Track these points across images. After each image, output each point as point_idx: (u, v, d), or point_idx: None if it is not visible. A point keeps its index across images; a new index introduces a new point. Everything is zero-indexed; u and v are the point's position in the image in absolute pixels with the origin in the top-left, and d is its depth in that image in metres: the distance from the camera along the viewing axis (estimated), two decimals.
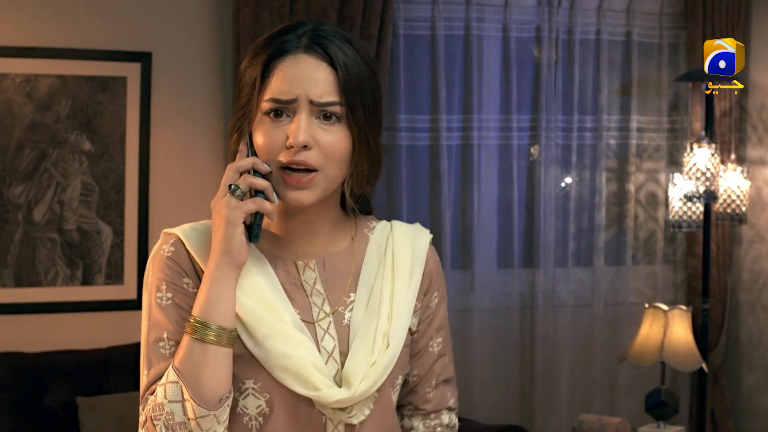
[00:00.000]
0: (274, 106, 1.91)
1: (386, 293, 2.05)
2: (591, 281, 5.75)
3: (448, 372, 2.22)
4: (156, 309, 2.01)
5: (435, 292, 2.16)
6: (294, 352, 1.93)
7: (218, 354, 1.90)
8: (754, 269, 5.73)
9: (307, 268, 2.05)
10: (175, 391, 1.90)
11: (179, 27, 5.11)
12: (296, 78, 1.91)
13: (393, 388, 2.09)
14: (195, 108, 5.12)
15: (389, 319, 2.02)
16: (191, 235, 2.03)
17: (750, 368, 5.77)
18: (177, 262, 2.01)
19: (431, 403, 2.18)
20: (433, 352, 2.17)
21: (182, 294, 2.00)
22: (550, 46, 5.58)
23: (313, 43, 1.93)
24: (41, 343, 4.84)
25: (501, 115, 5.55)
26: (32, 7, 4.92)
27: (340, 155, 1.94)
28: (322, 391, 1.93)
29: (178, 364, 1.91)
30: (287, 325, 1.96)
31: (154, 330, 2.00)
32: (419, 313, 2.13)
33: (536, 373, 5.65)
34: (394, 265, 2.09)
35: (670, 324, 5.09)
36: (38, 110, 4.90)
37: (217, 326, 1.90)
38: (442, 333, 2.18)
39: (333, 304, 2.04)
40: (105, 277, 5.02)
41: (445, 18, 5.41)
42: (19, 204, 4.91)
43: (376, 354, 1.99)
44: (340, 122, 1.93)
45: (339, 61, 1.92)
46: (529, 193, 5.68)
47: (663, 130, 5.83)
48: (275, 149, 1.92)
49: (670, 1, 5.78)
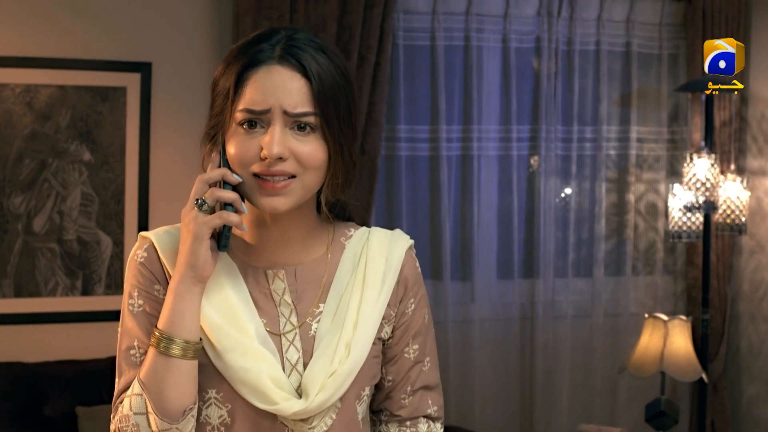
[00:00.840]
0: (248, 116, 1.91)
1: (354, 303, 2.04)
2: (591, 291, 5.75)
3: (427, 379, 2.19)
4: (128, 316, 2.03)
5: (411, 299, 2.14)
6: (252, 366, 1.94)
7: (182, 367, 1.92)
8: (755, 279, 5.73)
9: (276, 278, 2.04)
10: (139, 404, 1.93)
11: (179, 37, 5.12)
12: (269, 89, 1.90)
13: (359, 399, 2.07)
14: (195, 118, 5.11)
15: (354, 329, 2.01)
16: (164, 240, 2.04)
17: (750, 378, 5.77)
18: (149, 268, 2.03)
19: (406, 409, 2.17)
20: (409, 358, 2.15)
21: (153, 301, 2.01)
22: (549, 56, 5.58)
23: (286, 54, 1.91)
24: (41, 354, 4.85)
25: (501, 125, 5.55)
26: (32, 17, 4.92)
27: (316, 164, 1.93)
28: (279, 405, 1.93)
29: (143, 377, 1.93)
30: (249, 337, 1.96)
31: (126, 337, 2.03)
32: (394, 320, 2.12)
33: (536, 383, 5.65)
34: (366, 274, 2.07)
35: (670, 334, 5.09)
36: (38, 120, 4.90)
37: (182, 340, 1.91)
38: (419, 340, 2.16)
39: (301, 314, 2.04)
40: (105, 288, 5.02)
41: (445, 29, 5.41)
42: (18, 214, 4.91)
43: (336, 364, 1.98)
44: (314, 132, 1.92)
45: (313, 72, 1.90)
46: (529, 203, 5.68)
47: (663, 141, 5.83)
48: (248, 160, 1.91)
49: (669, 12, 5.79)
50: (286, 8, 4.94)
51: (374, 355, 2.08)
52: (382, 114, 5.10)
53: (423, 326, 2.17)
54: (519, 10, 5.53)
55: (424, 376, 2.18)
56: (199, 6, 5.14)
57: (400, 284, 2.12)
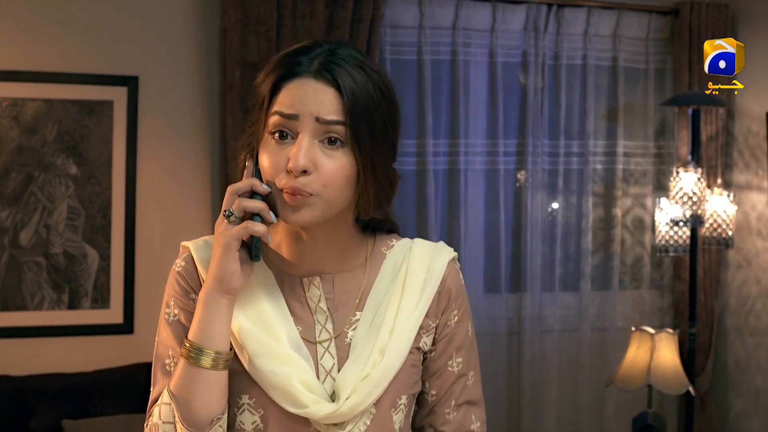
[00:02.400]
0: (278, 120, 1.89)
1: (392, 310, 2.02)
2: (578, 306, 5.75)
3: (471, 394, 2.15)
4: (164, 325, 2.04)
5: (455, 311, 2.10)
6: (281, 370, 1.93)
7: (211, 377, 1.91)
8: (741, 294, 5.74)
9: (312, 286, 2.03)
10: (168, 413, 1.93)
11: (166, 51, 5.12)
12: (300, 97, 1.88)
13: (395, 407, 2.04)
14: (181, 132, 5.12)
15: (390, 334, 2.00)
16: (202, 249, 2.04)
17: (737, 393, 5.77)
18: (186, 277, 2.03)
19: (451, 425, 2.13)
20: (453, 371, 2.11)
21: (188, 312, 2.01)
22: (536, 71, 5.60)
23: (323, 69, 1.89)
24: (27, 367, 4.83)
25: (487, 140, 5.56)
26: (19, 31, 4.92)
27: (340, 182, 1.90)
28: (309, 408, 1.92)
29: (173, 387, 1.93)
30: (280, 342, 1.95)
31: (162, 346, 2.04)
32: (435, 331, 2.09)
33: (523, 397, 5.64)
34: (405, 282, 2.05)
35: (657, 347, 5.09)
36: (25, 134, 4.90)
37: (212, 350, 1.91)
38: (462, 353, 2.12)
39: (338, 322, 2.03)
40: (91, 301, 5.01)
41: (432, 43, 5.42)
42: (5, 228, 4.90)
43: (369, 368, 1.96)
44: (344, 147, 1.89)
45: (346, 88, 1.88)
46: (516, 217, 5.68)
47: (649, 155, 5.84)
48: (277, 171, 1.89)
49: (656, 27, 5.81)
50: (273, 23, 4.94)
51: (411, 364, 2.05)
52: None
53: (467, 339, 2.14)
54: (506, 25, 5.54)
55: (468, 391, 2.14)
56: (186, 20, 5.14)
57: (443, 295, 2.09)
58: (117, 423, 4.56)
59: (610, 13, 5.72)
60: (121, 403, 4.72)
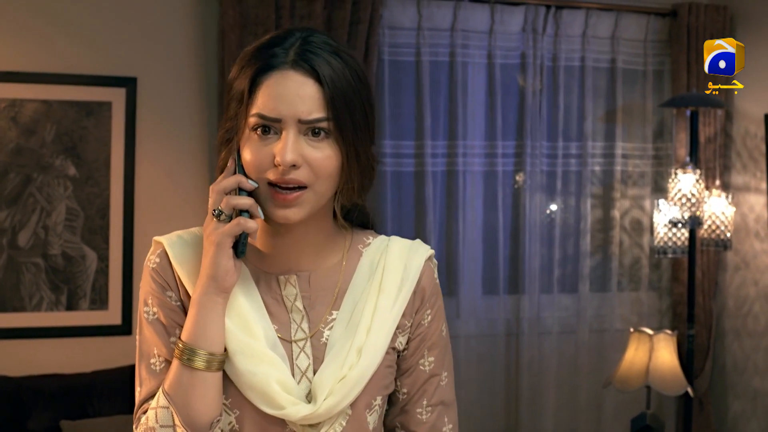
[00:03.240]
0: (261, 122, 1.88)
1: (369, 308, 2.01)
2: (576, 308, 5.75)
3: (444, 395, 2.13)
4: (145, 324, 2.01)
5: (428, 310, 2.08)
6: (259, 370, 1.91)
7: (207, 379, 1.90)
8: (739, 296, 5.74)
9: (288, 284, 2.02)
10: (166, 417, 1.91)
11: (164, 52, 5.12)
12: (282, 96, 1.87)
13: (369, 409, 2.02)
14: (180, 133, 5.12)
15: (367, 334, 1.98)
16: (176, 245, 2.03)
17: (736, 395, 5.77)
18: (161, 273, 2.01)
19: (424, 426, 2.11)
20: (424, 370, 2.10)
21: (167, 308, 1.99)
22: (534, 72, 5.60)
23: (299, 58, 1.88)
24: (25, 368, 4.83)
25: (486, 141, 5.56)
26: (17, 32, 4.92)
27: (329, 171, 1.90)
28: (286, 410, 1.91)
29: (168, 389, 1.91)
30: (258, 341, 1.94)
31: (145, 345, 2.01)
32: (410, 330, 2.08)
33: (522, 399, 5.64)
34: (383, 280, 2.04)
35: (655, 348, 5.09)
36: (23, 135, 4.90)
37: (205, 352, 1.89)
38: (435, 352, 2.10)
39: (314, 321, 2.01)
40: (90, 303, 5.00)
41: (430, 44, 5.42)
42: (3, 229, 4.90)
43: (346, 369, 1.95)
44: (328, 138, 1.89)
45: (326, 77, 1.87)
46: (514, 219, 5.68)
47: (648, 157, 5.85)
48: (263, 167, 1.88)
49: (654, 28, 5.81)
50: (271, 24, 4.94)
51: (387, 365, 2.04)
52: None
53: (440, 339, 2.12)
54: (504, 27, 5.54)
55: (441, 392, 2.12)
56: (185, 21, 5.14)
57: (417, 294, 2.07)
58: (114, 424, 4.56)
59: (608, 14, 5.72)
60: (119, 404, 4.71)
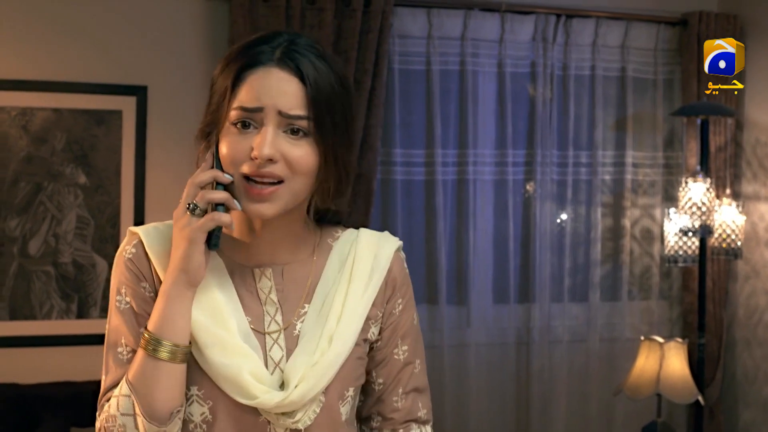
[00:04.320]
0: (241, 114, 1.91)
1: (339, 297, 2.04)
2: (586, 317, 5.74)
3: (417, 381, 2.19)
4: (115, 313, 2.03)
5: (399, 299, 2.14)
6: (231, 361, 1.93)
7: (171, 370, 1.92)
8: (750, 305, 5.73)
9: (263, 277, 2.04)
10: (127, 405, 1.92)
11: (174, 61, 5.12)
12: (265, 89, 1.90)
13: (342, 400, 2.05)
14: (190, 142, 5.06)
15: (337, 322, 2.01)
16: (152, 236, 2.05)
17: (746, 404, 5.76)
18: (136, 264, 2.03)
19: (399, 412, 2.16)
20: (399, 359, 2.16)
21: (140, 299, 2.01)
22: (545, 81, 5.59)
23: (285, 57, 1.91)
24: (35, 376, 4.83)
25: (496, 150, 5.55)
26: (28, 40, 4.93)
27: (306, 170, 1.93)
28: (259, 399, 1.93)
29: (132, 378, 1.93)
30: (230, 333, 1.96)
31: (113, 334, 2.03)
32: (381, 320, 2.12)
33: (532, 408, 5.63)
34: (353, 270, 2.07)
35: (666, 356, 5.07)
36: (34, 143, 4.90)
37: (170, 343, 1.91)
38: (408, 341, 2.16)
39: (287, 314, 2.04)
40: (100, 311, 5.00)
41: (440, 53, 5.42)
42: (14, 237, 4.90)
43: (318, 355, 1.97)
44: (307, 137, 1.92)
45: (309, 77, 1.90)
46: (525, 228, 5.67)
47: (658, 166, 5.84)
48: (239, 160, 1.91)
49: (664, 37, 5.80)
50: None
51: (358, 356, 2.08)
52: (377, 138, 5.10)
53: (412, 327, 2.18)
54: (514, 36, 5.54)
55: (415, 378, 2.18)
56: (195, 30, 5.14)
57: (388, 285, 2.12)
58: None
59: (618, 23, 5.72)
60: None
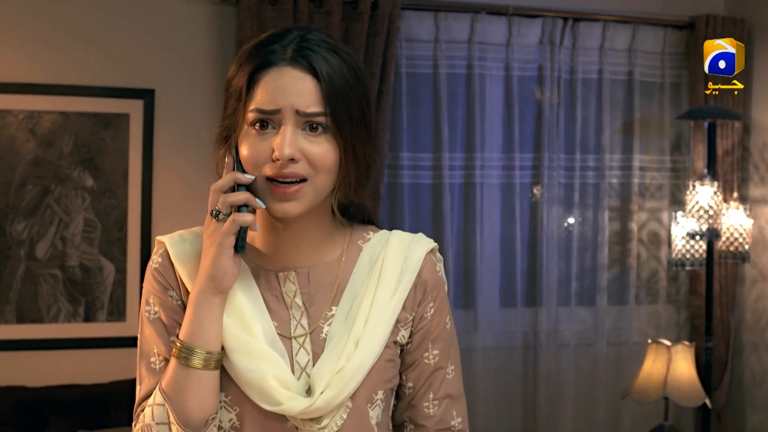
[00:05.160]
0: (259, 116, 1.90)
1: (367, 301, 2.02)
2: (594, 320, 5.73)
3: (450, 388, 2.14)
4: (146, 323, 2.03)
5: (430, 303, 2.10)
6: (256, 366, 1.92)
7: (203, 378, 1.91)
8: (757, 309, 5.72)
9: (287, 281, 2.03)
10: (162, 414, 1.93)
11: (182, 64, 5.13)
12: (280, 89, 1.89)
13: (371, 403, 2.03)
14: (197, 145, 5.12)
15: (365, 325, 1.99)
16: (177, 244, 2.05)
17: (753, 408, 5.75)
18: (163, 273, 2.03)
19: (432, 419, 2.12)
20: (429, 363, 2.11)
21: (168, 308, 2.02)
22: (552, 85, 5.59)
23: (297, 55, 1.91)
24: (43, 379, 4.83)
25: (503, 153, 5.55)
26: (35, 44, 4.94)
27: (327, 166, 1.92)
28: (284, 405, 1.92)
29: (165, 387, 1.93)
30: (255, 338, 1.95)
31: (146, 344, 2.03)
32: (412, 324, 2.09)
33: (539, 412, 5.62)
34: (381, 273, 2.05)
35: (673, 359, 5.07)
36: (41, 146, 4.91)
37: (202, 350, 1.91)
38: (439, 345, 2.11)
39: (313, 317, 2.02)
40: (107, 314, 5.01)
41: (448, 57, 5.42)
42: (21, 240, 4.91)
43: (343, 360, 1.95)
44: (326, 133, 1.91)
45: (323, 73, 1.90)
46: (532, 232, 5.67)
47: (665, 169, 5.83)
48: (261, 161, 1.90)
49: (671, 41, 5.80)
50: None
51: (388, 359, 2.04)
52: (384, 141, 5.11)
53: (444, 332, 2.12)
54: (521, 39, 5.54)
55: (448, 385, 2.14)
56: (202, 33, 5.15)
57: (419, 287, 2.08)
58: None
59: (625, 27, 5.71)
60: None
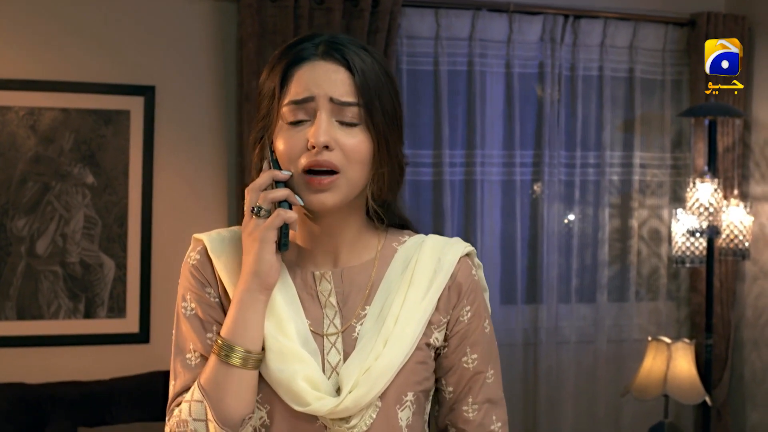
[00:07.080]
0: (293, 108, 1.92)
1: (398, 300, 2.01)
2: (594, 317, 5.73)
3: (490, 392, 2.13)
4: (182, 319, 2.04)
5: (466, 307, 2.07)
6: (286, 367, 1.92)
7: (242, 376, 1.91)
8: (758, 306, 5.72)
9: (323, 279, 2.03)
10: (199, 410, 1.93)
11: (182, 61, 5.13)
12: (314, 79, 1.92)
13: (400, 404, 2.01)
14: (198, 142, 5.12)
15: (394, 324, 1.98)
16: (216, 242, 2.04)
17: (754, 405, 5.75)
18: (201, 270, 2.03)
19: (472, 424, 2.11)
20: (468, 368, 2.09)
21: (205, 305, 2.02)
22: (552, 82, 5.59)
23: (330, 49, 1.93)
24: (43, 376, 4.83)
25: (504, 150, 5.55)
26: (36, 41, 4.93)
27: (361, 157, 1.93)
28: (312, 405, 1.91)
29: (204, 383, 1.93)
30: (288, 338, 1.95)
31: (181, 340, 2.04)
32: (447, 327, 2.07)
33: (540, 409, 5.62)
34: (414, 273, 2.04)
35: (673, 357, 5.07)
36: (42, 143, 4.91)
37: (243, 349, 1.91)
38: (477, 349, 2.09)
39: (346, 317, 2.02)
40: (107, 311, 5.00)
41: (448, 54, 5.41)
42: (21, 237, 4.91)
43: (372, 359, 1.95)
44: (359, 126, 1.93)
45: (356, 66, 1.92)
46: (532, 229, 5.67)
47: (666, 166, 5.83)
48: (296, 153, 1.91)
49: (672, 38, 5.80)
50: (289, 33, 4.95)
51: (419, 361, 2.03)
52: None
53: (482, 336, 2.11)
54: (522, 36, 5.53)
55: (487, 389, 2.12)
56: (203, 30, 5.15)
57: (453, 290, 2.06)
58: (133, 431, 4.57)
59: (626, 24, 5.71)
60: (137, 411, 4.71)
